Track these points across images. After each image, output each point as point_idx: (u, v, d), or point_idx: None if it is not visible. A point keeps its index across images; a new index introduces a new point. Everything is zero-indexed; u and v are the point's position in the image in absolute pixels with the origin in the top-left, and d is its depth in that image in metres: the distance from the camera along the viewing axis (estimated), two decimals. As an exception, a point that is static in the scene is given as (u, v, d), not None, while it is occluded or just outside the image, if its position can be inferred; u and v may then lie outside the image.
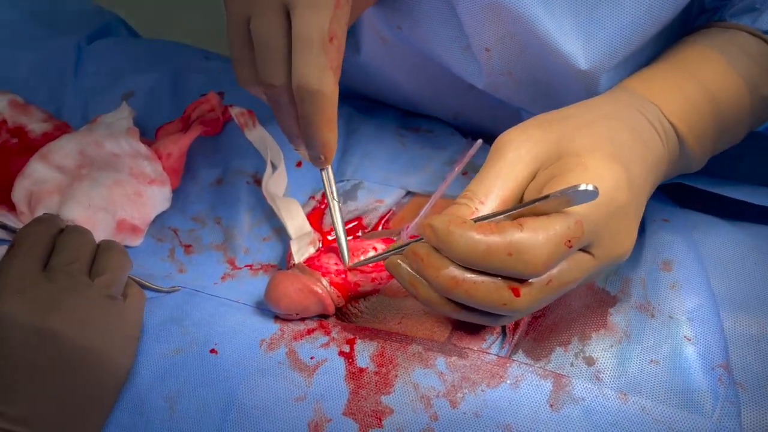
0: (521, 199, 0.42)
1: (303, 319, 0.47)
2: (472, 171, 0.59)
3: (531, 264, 0.37)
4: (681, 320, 0.46)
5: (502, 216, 0.39)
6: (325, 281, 0.47)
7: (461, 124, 0.64)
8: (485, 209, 0.40)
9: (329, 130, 0.43)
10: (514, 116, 0.60)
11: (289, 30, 0.41)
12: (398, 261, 0.41)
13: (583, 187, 0.35)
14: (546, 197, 0.37)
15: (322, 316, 0.48)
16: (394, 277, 0.47)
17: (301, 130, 0.44)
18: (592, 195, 0.36)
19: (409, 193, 0.58)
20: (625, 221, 0.41)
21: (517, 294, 0.38)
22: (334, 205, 0.49)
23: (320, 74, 0.41)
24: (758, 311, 0.47)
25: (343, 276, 0.47)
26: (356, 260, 0.48)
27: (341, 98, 0.66)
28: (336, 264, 0.48)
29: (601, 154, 0.40)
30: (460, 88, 0.60)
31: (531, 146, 0.42)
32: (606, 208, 0.39)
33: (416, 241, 0.41)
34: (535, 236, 0.37)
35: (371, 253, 0.49)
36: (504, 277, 0.38)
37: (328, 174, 0.48)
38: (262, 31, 0.41)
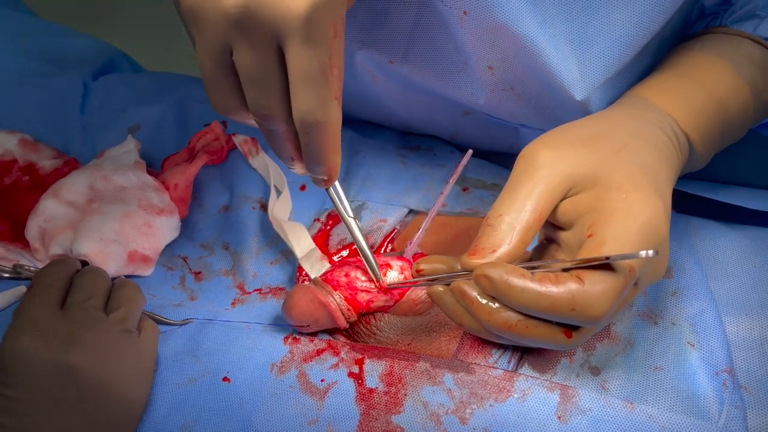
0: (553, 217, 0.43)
1: (313, 338, 0.48)
2: (473, 186, 0.60)
3: (593, 317, 0.39)
4: (683, 326, 0.46)
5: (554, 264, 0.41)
6: (337, 295, 0.48)
7: (460, 143, 0.66)
8: (517, 230, 0.41)
9: (336, 155, 0.43)
10: (511, 135, 0.61)
11: (283, 63, 0.39)
12: (441, 291, 0.43)
13: (643, 253, 0.37)
14: (607, 258, 0.38)
15: (333, 331, 0.49)
16: (403, 298, 0.48)
17: (305, 157, 0.43)
18: (652, 257, 0.38)
19: (411, 211, 0.59)
20: (664, 250, 0.42)
21: (569, 336, 0.41)
22: (350, 222, 0.48)
23: (325, 106, 0.39)
24: (760, 314, 0.47)
25: (354, 292, 0.48)
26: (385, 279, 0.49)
27: (343, 122, 0.68)
28: (346, 276, 0.49)
29: (642, 192, 0.41)
30: (455, 114, 0.61)
31: (565, 167, 0.42)
32: (651, 247, 0.40)
33: (463, 275, 0.42)
34: (596, 291, 0.39)
35: (396, 272, 0.49)
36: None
37: (337, 190, 0.47)
38: (254, 65, 0.38)
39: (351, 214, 0.48)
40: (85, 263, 0.53)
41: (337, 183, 0.47)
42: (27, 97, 0.70)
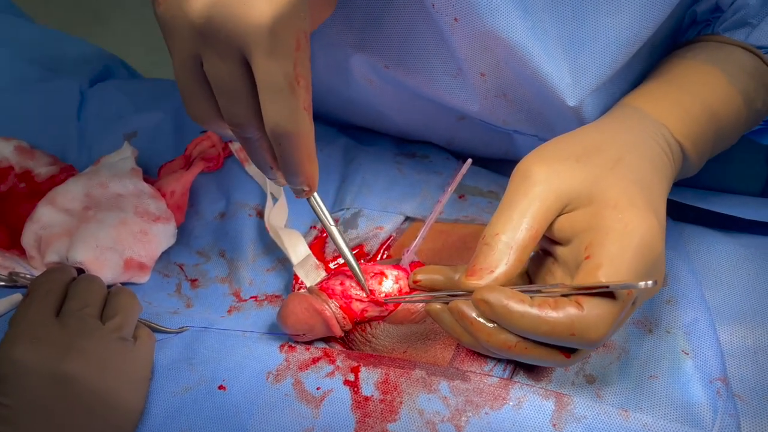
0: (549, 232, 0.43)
1: (308, 345, 0.49)
2: (469, 194, 0.61)
3: (592, 341, 0.39)
4: (678, 335, 0.47)
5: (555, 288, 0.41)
6: (332, 303, 0.48)
7: (455, 149, 0.66)
8: (513, 249, 0.41)
9: (310, 164, 0.43)
10: (506, 140, 0.62)
11: (250, 75, 0.39)
12: (440, 309, 0.43)
13: (642, 284, 0.38)
14: (606, 287, 0.39)
15: (329, 339, 0.49)
16: (398, 309, 0.48)
17: (282, 168, 0.43)
18: (652, 286, 0.38)
19: (408, 218, 0.59)
20: (660, 266, 0.42)
21: (567, 356, 0.41)
22: (333, 231, 0.49)
23: (294, 117, 0.39)
24: (753, 322, 0.48)
25: (348, 300, 0.48)
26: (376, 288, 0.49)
27: (339, 129, 0.69)
28: (341, 285, 0.49)
29: (637, 208, 0.41)
30: (450, 119, 0.61)
31: (560, 183, 0.42)
32: (647, 265, 0.41)
33: (463, 295, 0.42)
34: (595, 316, 0.39)
35: (391, 282, 0.49)
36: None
37: (317, 201, 0.48)
38: (222, 76, 0.39)
39: (332, 222, 0.49)
40: (80, 271, 0.53)
41: (316, 195, 0.47)
42: (23, 103, 0.70)
